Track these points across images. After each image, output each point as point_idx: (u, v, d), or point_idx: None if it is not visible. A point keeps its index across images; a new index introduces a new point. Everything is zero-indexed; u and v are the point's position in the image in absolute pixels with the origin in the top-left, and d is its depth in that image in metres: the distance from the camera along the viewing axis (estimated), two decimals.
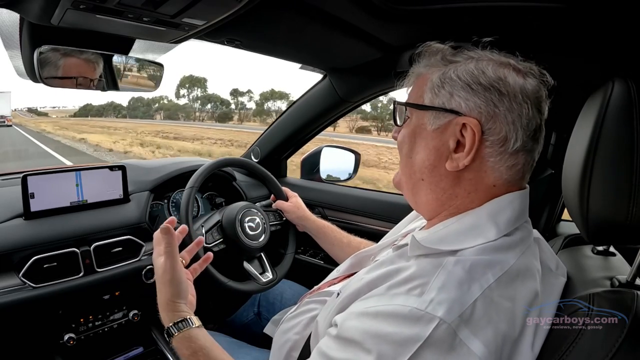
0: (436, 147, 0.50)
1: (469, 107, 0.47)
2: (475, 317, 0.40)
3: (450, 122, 0.49)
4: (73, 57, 0.75)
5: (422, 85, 0.52)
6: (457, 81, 0.48)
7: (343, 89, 1.23)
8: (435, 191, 0.52)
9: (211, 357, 0.58)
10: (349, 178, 1.44)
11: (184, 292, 0.64)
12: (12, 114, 53.16)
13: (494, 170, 0.48)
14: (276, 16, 0.77)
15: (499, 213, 0.48)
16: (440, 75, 0.50)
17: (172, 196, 1.20)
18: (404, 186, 0.56)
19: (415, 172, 0.53)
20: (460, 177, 0.50)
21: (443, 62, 0.52)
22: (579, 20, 0.66)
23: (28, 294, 0.79)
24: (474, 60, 0.49)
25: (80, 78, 0.78)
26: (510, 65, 0.49)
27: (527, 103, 0.47)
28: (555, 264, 0.55)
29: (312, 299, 0.71)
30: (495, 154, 0.48)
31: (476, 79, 0.48)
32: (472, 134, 0.47)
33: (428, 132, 0.51)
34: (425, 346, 0.39)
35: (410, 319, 0.40)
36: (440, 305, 0.40)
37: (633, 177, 0.40)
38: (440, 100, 0.49)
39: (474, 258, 0.45)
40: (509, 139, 0.47)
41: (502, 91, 0.47)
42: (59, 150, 15.43)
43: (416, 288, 0.43)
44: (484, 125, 0.47)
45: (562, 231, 1.02)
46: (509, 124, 0.47)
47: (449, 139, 0.49)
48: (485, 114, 0.47)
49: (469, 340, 0.39)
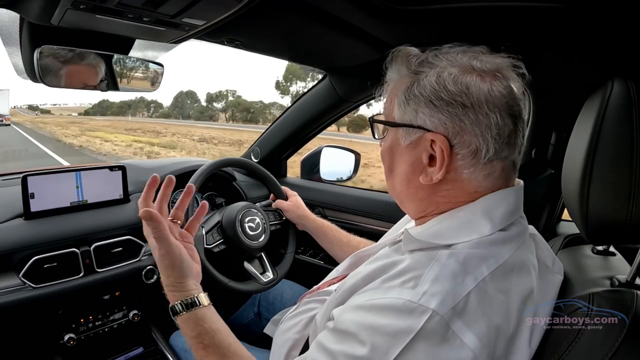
0: (411, 162, 0.51)
1: (434, 123, 0.47)
2: (468, 310, 0.41)
3: (421, 138, 0.49)
4: (74, 64, 0.75)
5: (392, 99, 0.53)
6: (420, 97, 0.48)
7: (343, 89, 1.23)
8: (414, 201, 0.53)
9: (216, 341, 0.56)
10: (349, 178, 1.44)
11: (187, 271, 0.61)
12: (11, 111, 50.03)
13: (471, 180, 0.48)
14: (276, 16, 0.77)
15: (493, 208, 0.48)
16: (405, 91, 0.50)
17: (172, 196, 1.20)
18: (392, 194, 0.58)
19: (395, 184, 0.55)
20: (436, 188, 0.50)
21: (409, 72, 0.51)
22: (579, 20, 0.66)
23: (28, 294, 0.79)
24: (436, 72, 0.48)
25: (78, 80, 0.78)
26: (474, 71, 0.47)
27: (494, 112, 0.45)
28: (552, 260, 0.55)
29: (312, 298, 0.71)
30: (468, 166, 0.47)
31: (437, 95, 0.47)
32: (440, 150, 0.47)
33: (402, 147, 0.52)
34: (418, 338, 0.39)
35: (403, 311, 0.41)
36: (433, 297, 0.41)
37: (632, 176, 0.40)
38: (408, 117, 0.50)
39: (469, 251, 0.45)
40: (479, 149, 0.46)
41: (466, 104, 0.46)
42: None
43: (410, 281, 0.43)
44: (452, 140, 0.47)
45: (562, 231, 1.02)
46: (477, 136, 0.46)
47: (422, 154, 0.49)
48: (452, 129, 0.47)
49: (461, 332, 0.40)
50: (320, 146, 1.45)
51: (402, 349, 0.39)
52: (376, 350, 0.40)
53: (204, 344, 0.56)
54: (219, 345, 0.56)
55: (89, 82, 0.80)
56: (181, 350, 0.92)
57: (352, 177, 1.44)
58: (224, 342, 0.57)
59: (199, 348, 0.57)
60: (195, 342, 0.57)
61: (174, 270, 0.60)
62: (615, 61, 0.73)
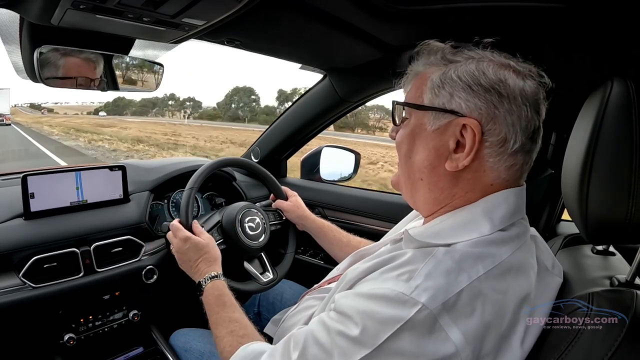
0: (436, 148, 0.50)
1: (469, 108, 0.48)
2: (458, 306, 0.42)
3: (451, 123, 0.49)
4: (73, 56, 0.75)
5: (422, 84, 0.52)
6: (457, 82, 0.49)
7: (343, 89, 1.23)
8: (434, 191, 0.52)
9: (228, 306, 0.73)
10: (349, 178, 1.45)
11: (213, 251, 0.86)
12: (12, 110, 47.80)
13: (493, 170, 0.49)
14: (276, 16, 0.77)
15: (494, 209, 0.49)
16: (441, 75, 0.50)
17: (172, 196, 1.20)
18: (403, 186, 0.57)
19: (415, 172, 0.53)
20: (459, 177, 0.50)
21: (443, 61, 0.52)
22: (579, 20, 0.66)
23: (28, 294, 0.79)
24: (475, 61, 0.50)
25: (81, 78, 0.78)
26: (510, 67, 0.49)
27: (526, 105, 0.47)
28: (552, 263, 0.55)
29: (312, 296, 0.71)
30: (494, 155, 0.48)
31: (477, 80, 0.48)
32: (472, 135, 0.47)
33: (428, 132, 0.51)
34: (405, 328, 0.41)
35: (395, 301, 0.43)
36: (425, 291, 0.42)
37: (632, 176, 0.40)
38: (441, 101, 0.50)
39: (465, 250, 0.46)
40: (508, 140, 0.47)
41: (502, 93, 0.47)
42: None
43: (405, 274, 0.45)
44: (484, 126, 0.47)
45: (562, 231, 1.02)
46: (508, 125, 0.47)
47: (449, 140, 0.49)
48: (486, 115, 0.47)
49: (448, 327, 0.41)
50: (320, 146, 1.45)
51: (389, 335, 0.42)
52: (366, 332, 0.43)
53: (224, 301, 0.75)
54: (234, 303, 0.74)
55: (88, 82, 0.80)
56: (181, 350, 0.92)
57: (352, 177, 1.45)
58: (236, 312, 0.72)
59: (219, 304, 0.74)
60: (218, 301, 0.75)
61: (197, 250, 0.85)
62: (615, 61, 0.73)
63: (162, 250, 1.03)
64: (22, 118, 42.96)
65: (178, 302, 1.27)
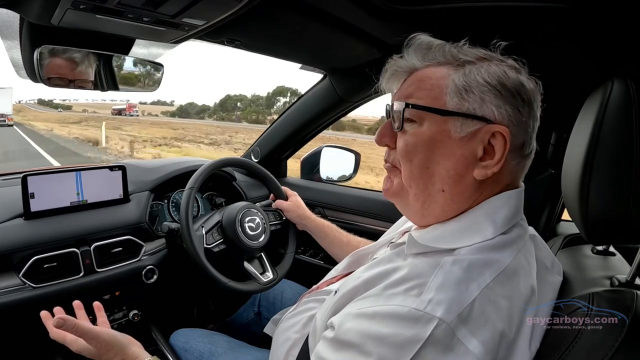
0: (464, 156, 0.46)
1: (501, 114, 0.46)
2: (473, 317, 0.40)
3: (480, 130, 0.46)
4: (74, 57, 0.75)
5: (432, 86, 0.48)
6: (486, 85, 0.46)
7: (343, 89, 1.23)
8: (457, 202, 0.48)
9: None
10: (349, 178, 1.45)
11: (123, 340, 0.64)
12: (18, 107, 44.45)
13: (510, 173, 0.49)
14: (276, 16, 0.77)
15: (496, 211, 0.48)
16: (463, 77, 0.46)
17: (172, 196, 1.20)
18: (412, 198, 0.51)
19: (434, 183, 0.48)
20: (482, 184, 0.48)
21: (453, 59, 0.48)
22: (578, 20, 0.66)
23: (28, 294, 0.79)
24: (487, 62, 0.48)
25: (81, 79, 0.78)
26: (519, 69, 0.49)
27: (539, 109, 0.48)
28: (551, 261, 0.55)
29: (311, 298, 0.71)
30: (515, 158, 0.48)
31: (503, 84, 0.46)
32: (502, 142, 0.45)
33: (453, 140, 0.46)
34: (426, 346, 0.39)
35: (409, 319, 0.40)
36: (439, 305, 0.40)
37: (632, 176, 0.40)
38: (471, 106, 0.46)
39: (472, 257, 0.45)
40: (526, 143, 0.48)
41: (525, 98, 0.47)
42: None
43: (414, 288, 0.42)
44: (512, 132, 0.46)
45: (562, 231, 1.02)
46: (527, 129, 0.47)
47: (477, 147, 0.46)
48: (514, 121, 0.46)
49: (466, 340, 0.39)
50: (320, 146, 1.45)
51: (410, 359, 0.38)
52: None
53: None
54: None
55: (89, 83, 0.80)
56: (181, 350, 0.92)
57: (352, 177, 1.45)
58: None
59: None
60: None
61: (113, 348, 0.63)
62: (615, 61, 0.73)
63: (162, 250, 1.03)
64: (27, 116, 32.87)
65: (178, 302, 1.26)
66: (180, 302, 1.28)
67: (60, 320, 0.61)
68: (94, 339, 0.62)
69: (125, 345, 0.64)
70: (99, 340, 0.62)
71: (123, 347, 0.63)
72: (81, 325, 0.62)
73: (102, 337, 0.62)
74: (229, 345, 0.87)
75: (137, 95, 17.34)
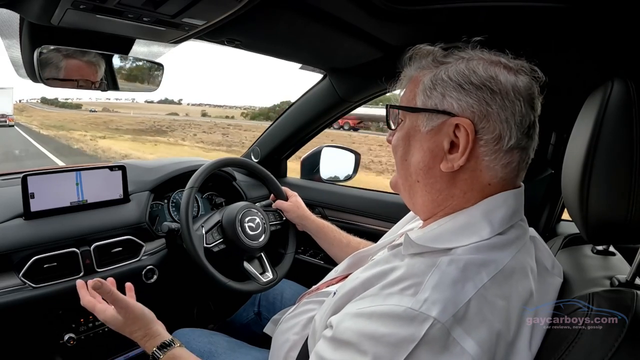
0: (430, 149, 0.50)
1: (461, 107, 0.47)
2: (468, 317, 0.41)
3: (444, 123, 0.49)
4: (75, 58, 0.75)
5: (414, 87, 0.52)
6: (448, 82, 0.48)
7: (343, 89, 1.23)
8: (431, 192, 0.52)
9: None
10: (349, 178, 1.45)
11: (150, 316, 0.69)
12: (20, 106, 42.21)
13: (489, 169, 0.48)
14: (276, 16, 0.77)
15: (493, 211, 0.48)
16: (432, 77, 0.50)
17: (172, 196, 1.21)
18: (401, 188, 0.56)
19: (411, 174, 0.53)
20: (455, 178, 0.50)
21: (434, 63, 0.52)
22: (579, 20, 0.66)
23: (28, 294, 0.79)
24: (465, 61, 0.50)
25: (82, 80, 0.78)
26: (500, 64, 0.49)
27: (519, 100, 0.47)
28: (552, 263, 0.55)
29: (310, 299, 0.71)
30: (489, 153, 0.48)
31: (467, 79, 0.48)
32: (465, 134, 0.47)
33: (422, 134, 0.51)
34: (420, 346, 0.39)
35: (404, 318, 0.40)
36: (435, 304, 0.40)
37: (632, 176, 0.40)
38: (433, 102, 0.50)
39: (468, 257, 0.45)
40: (502, 136, 0.47)
41: (494, 89, 0.47)
42: None
43: (410, 288, 0.43)
44: (477, 124, 0.47)
45: (562, 231, 1.02)
46: (502, 122, 0.47)
47: (443, 140, 0.49)
48: (478, 113, 0.47)
49: (462, 340, 0.39)
50: (320, 146, 1.45)
51: (404, 358, 0.39)
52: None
53: None
54: None
55: (89, 83, 0.80)
56: None
57: (352, 177, 1.45)
58: None
59: None
60: None
61: (140, 321, 0.67)
62: (615, 61, 0.73)
63: (162, 250, 1.03)
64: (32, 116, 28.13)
65: (178, 302, 1.26)
66: (180, 302, 1.27)
67: (97, 283, 0.66)
68: (124, 309, 0.66)
69: (151, 321, 0.68)
70: (128, 310, 0.66)
71: (148, 322, 0.67)
72: (115, 292, 0.67)
73: (132, 309, 0.67)
74: (229, 345, 0.87)
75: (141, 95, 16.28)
